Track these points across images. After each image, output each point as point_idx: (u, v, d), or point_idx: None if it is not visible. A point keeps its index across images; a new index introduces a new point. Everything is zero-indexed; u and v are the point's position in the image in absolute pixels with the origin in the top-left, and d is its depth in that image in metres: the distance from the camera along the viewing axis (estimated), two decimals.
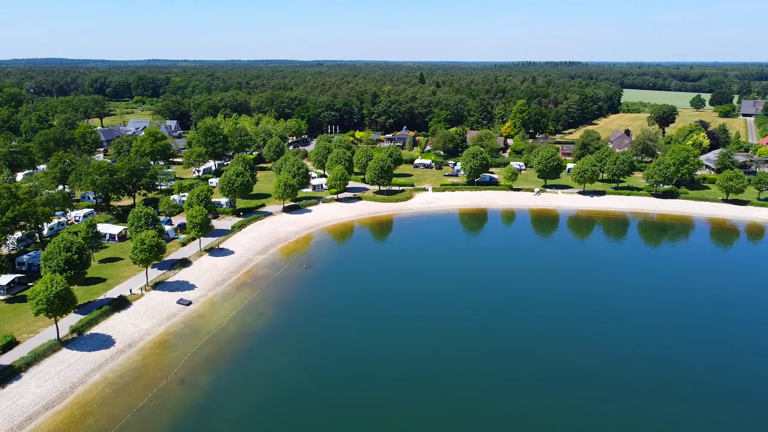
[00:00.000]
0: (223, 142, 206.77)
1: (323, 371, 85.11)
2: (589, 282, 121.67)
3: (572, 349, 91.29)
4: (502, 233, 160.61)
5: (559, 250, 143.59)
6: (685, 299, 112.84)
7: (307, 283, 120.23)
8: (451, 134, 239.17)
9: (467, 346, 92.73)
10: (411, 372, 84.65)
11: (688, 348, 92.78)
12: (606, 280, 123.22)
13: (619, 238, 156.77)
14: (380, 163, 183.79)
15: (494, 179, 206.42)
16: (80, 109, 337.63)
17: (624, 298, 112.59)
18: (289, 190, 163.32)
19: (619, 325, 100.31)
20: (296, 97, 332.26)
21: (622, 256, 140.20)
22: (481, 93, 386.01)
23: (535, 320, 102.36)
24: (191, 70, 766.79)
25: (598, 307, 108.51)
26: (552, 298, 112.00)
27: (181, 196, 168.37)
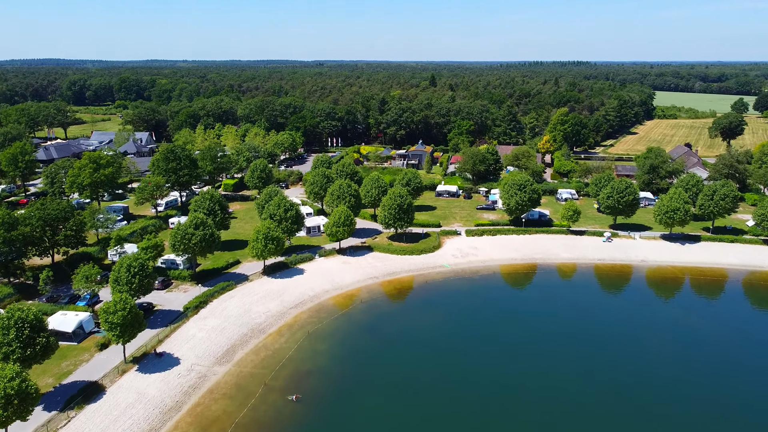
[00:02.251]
0: (189, 168, 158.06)
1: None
2: (716, 400, 73.18)
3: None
4: (573, 310, 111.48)
5: (662, 344, 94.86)
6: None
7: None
8: (482, 153, 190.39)
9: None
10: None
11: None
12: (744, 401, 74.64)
13: (750, 322, 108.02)
14: (397, 200, 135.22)
15: (544, 216, 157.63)
16: (39, 117, 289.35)
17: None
18: (272, 245, 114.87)
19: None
20: (290, 104, 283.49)
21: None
22: (505, 98, 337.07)
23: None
24: (183, 71, 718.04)
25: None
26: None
27: (122, 251, 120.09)
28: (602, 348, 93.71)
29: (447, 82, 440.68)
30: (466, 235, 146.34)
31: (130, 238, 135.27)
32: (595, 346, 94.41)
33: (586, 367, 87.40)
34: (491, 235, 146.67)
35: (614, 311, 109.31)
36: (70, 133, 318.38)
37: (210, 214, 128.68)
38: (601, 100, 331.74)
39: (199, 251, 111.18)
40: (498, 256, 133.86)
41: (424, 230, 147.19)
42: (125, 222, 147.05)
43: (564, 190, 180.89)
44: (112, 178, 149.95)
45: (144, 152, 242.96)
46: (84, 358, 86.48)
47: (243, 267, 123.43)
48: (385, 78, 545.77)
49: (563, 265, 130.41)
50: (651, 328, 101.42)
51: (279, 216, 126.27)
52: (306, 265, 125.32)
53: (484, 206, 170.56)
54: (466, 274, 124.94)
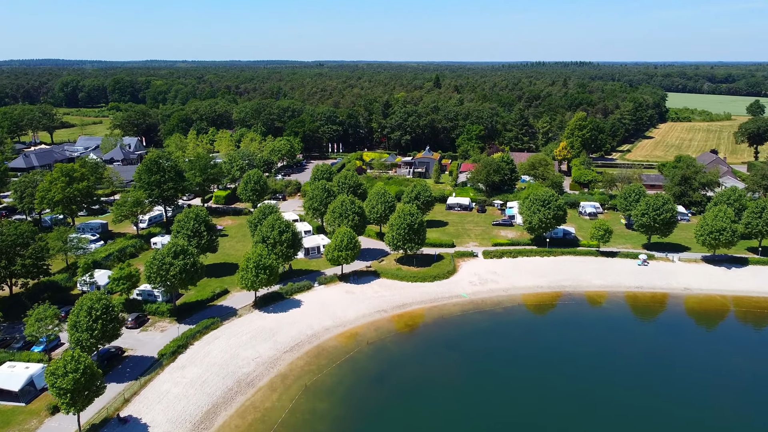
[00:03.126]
0: (175, 180, 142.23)
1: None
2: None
3: None
4: (614, 354, 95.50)
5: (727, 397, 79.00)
6: None
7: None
8: (497, 162, 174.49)
9: None
10: None
11: None
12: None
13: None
14: (407, 219, 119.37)
15: (570, 234, 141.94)
16: (23, 121, 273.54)
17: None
18: (264, 275, 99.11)
19: None
20: (289, 107, 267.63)
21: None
22: (514, 100, 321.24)
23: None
24: (180, 72, 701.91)
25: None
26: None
27: (91, 280, 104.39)
28: (656, 402, 77.82)
29: (452, 83, 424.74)
30: (484, 257, 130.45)
31: (106, 262, 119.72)
32: (647, 399, 78.54)
33: (637, 427, 71.59)
34: (512, 256, 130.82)
35: (664, 355, 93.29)
36: (57, 137, 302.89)
37: (194, 236, 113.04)
38: (615, 103, 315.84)
39: (178, 284, 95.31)
40: (521, 283, 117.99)
41: (437, 251, 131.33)
42: (101, 242, 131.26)
43: (587, 203, 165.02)
44: (88, 193, 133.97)
45: (132, 159, 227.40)
46: (30, 426, 70.71)
47: (232, 298, 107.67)
48: (387, 79, 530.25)
49: (596, 295, 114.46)
50: (712, 378, 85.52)
51: (273, 239, 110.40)
52: (304, 296, 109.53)
53: (501, 222, 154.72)
54: (487, 306, 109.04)
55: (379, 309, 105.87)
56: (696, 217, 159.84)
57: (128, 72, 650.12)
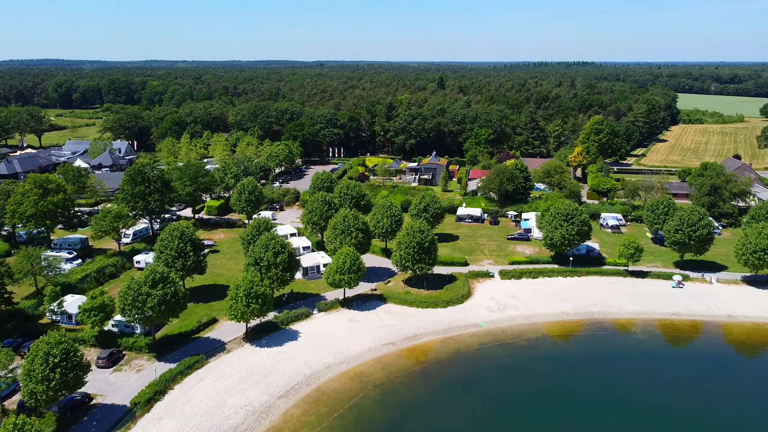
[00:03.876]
0: (161, 192, 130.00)
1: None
2: None
3: None
4: (658, 397, 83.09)
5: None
6: None
7: None
8: (510, 170, 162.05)
9: None
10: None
11: None
12: None
13: None
14: (416, 237, 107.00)
15: (593, 251, 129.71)
16: (9, 124, 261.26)
17: None
18: (255, 305, 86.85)
19: None
20: (287, 109, 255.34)
21: None
22: (522, 102, 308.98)
23: None
24: (179, 72, 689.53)
25: None
26: None
27: (60, 310, 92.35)
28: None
29: (456, 84, 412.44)
30: (501, 278, 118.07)
31: (82, 285, 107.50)
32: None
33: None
34: (532, 277, 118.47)
35: (713, 399, 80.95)
36: (47, 140, 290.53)
37: (179, 256, 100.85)
38: (628, 105, 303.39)
39: (157, 317, 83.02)
40: (545, 309, 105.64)
41: (449, 271, 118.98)
42: (79, 261, 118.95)
43: (609, 215, 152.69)
44: (64, 206, 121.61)
45: (122, 164, 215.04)
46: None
47: (221, 328, 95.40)
48: (389, 80, 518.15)
49: (629, 323, 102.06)
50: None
51: (266, 261, 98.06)
52: (301, 325, 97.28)
53: (516, 235, 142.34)
54: (508, 337, 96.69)
55: (386, 341, 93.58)
56: (728, 230, 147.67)
57: (125, 72, 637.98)
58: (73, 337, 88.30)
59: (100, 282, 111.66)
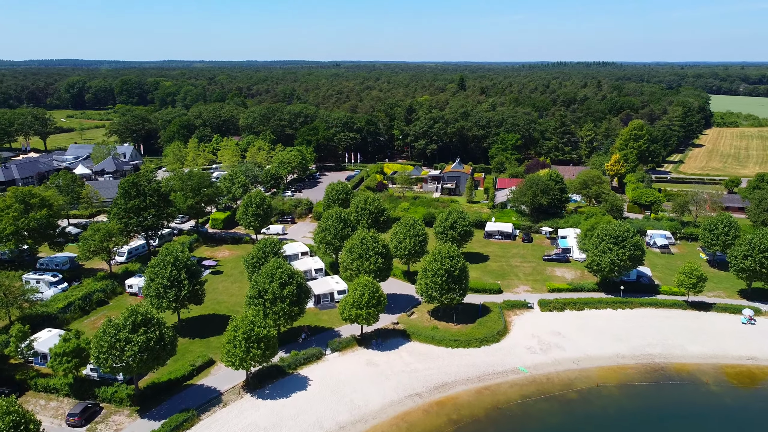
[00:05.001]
0: (157, 206, 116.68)
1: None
2: None
3: None
4: None
5: None
6: None
7: None
8: (544, 181, 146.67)
9: None
10: None
11: None
12: None
13: None
14: (445, 264, 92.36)
15: (645, 277, 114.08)
16: (13, 126, 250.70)
17: None
18: (257, 350, 72.84)
19: None
20: (301, 112, 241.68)
21: None
22: (548, 104, 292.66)
23: None
24: (193, 72, 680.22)
25: None
26: None
27: (29, 352, 79.27)
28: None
29: (477, 85, 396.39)
30: (541, 309, 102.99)
31: (64, 315, 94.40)
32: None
33: None
34: (576, 308, 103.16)
35: None
36: (54, 142, 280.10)
37: (172, 286, 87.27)
38: (663, 107, 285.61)
39: (138, 367, 69.27)
40: (595, 351, 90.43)
41: (481, 300, 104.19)
42: (65, 285, 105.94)
43: (656, 233, 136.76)
44: (48, 224, 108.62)
45: (126, 170, 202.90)
46: None
47: (217, 372, 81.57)
48: (407, 80, 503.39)
49: (697, 370, 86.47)
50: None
51: (272, 294, 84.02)
52: (312, 369, 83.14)
53: (554, 256, 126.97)
54: (555, 387, 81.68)
55: (411, 392, 79.07)
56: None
57: (138, 72, 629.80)
58: (44, 385, 75.34)
59: (86, 311, 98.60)
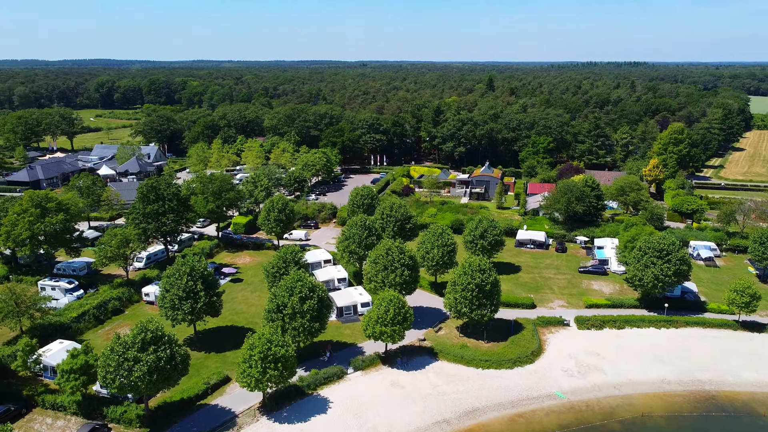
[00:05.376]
0: (176, 211, 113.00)
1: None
2: None
3: None
4: None
5: None
6: None
7: None
8: (579, 188, 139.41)
9: None
10: None
11: None
12: None
13: None
14: (476, 278, 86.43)
15: (690, 293, 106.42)
16: (40, 126, 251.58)
17: None
18: (274, 370, 67.95)
19: None
20: (326, 113, 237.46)
21: None
22: (581, 106, 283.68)
23: None
24: (221, 72, 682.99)
25: None
26: None
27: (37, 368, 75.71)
28: None
29: (507, 86, 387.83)
30: (578, 327, 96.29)
31: (77, 324, 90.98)
32: None
33: None
34: (616, 327, 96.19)
35: None
36: (81, 142, 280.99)
37: (188, 297, 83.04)
38: (701, 109, 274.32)
39: (147, 388, 64.93)
40: (638, 375, 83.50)
41: (513, 315, 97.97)
42: (81, 292, 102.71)
43: (700, 244, 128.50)
44: (65, 229, 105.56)
45: (149, 171, 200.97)
46: None
47: (233, 391, 76.92)
48: (434, 80, 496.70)
49: (754, 401, 78.98)
50: None
51: (291, 308, 79.06)
52: (332, 390, 77.97)
53: (590, 268, 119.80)
54: (596, 416, 75.11)
55: (439, 418, 73.38)
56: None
57: (167, 72, 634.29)
58: (52, 402, 71.59)
59: (101, 321, 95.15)
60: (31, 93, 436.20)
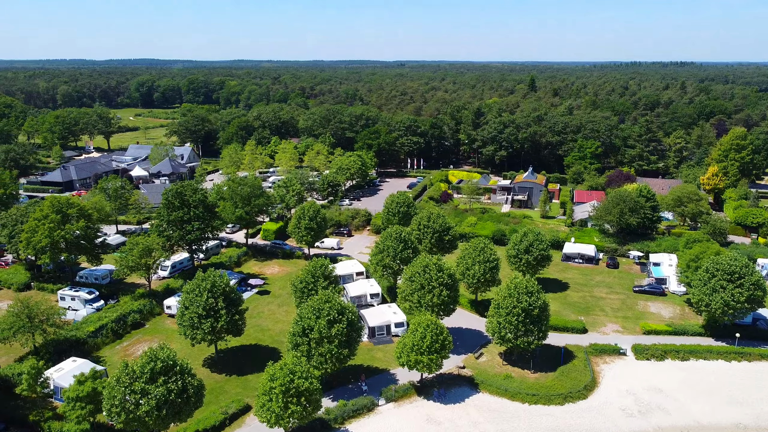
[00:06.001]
0: (202, 218, 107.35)
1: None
2: None
3: None
4: None
5: None
6: None
7: None
8: (633, 198, 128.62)
9: None
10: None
11: None
12: None
13: None
14: (523, 302, 77.73)
15: (762, 319, 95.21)
16: (78, 125, 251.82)
17: None
18: (296, 405, 60.79)
19: None
20: (362, 114, 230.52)
21: None
22: (629, 108, 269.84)
23: None
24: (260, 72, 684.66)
25: None
26: None
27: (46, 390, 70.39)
28: None
29: (549, 86, 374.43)
30: (636, 357, 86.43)
31: (94, 339, 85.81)
32: None
33: None
34: (679, 358, 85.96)
35: None
36: (116, 142, 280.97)
37: (208, 315, 76.78)
38: (762, 112, 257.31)
39: (156, 424, 58.52)
40: (708, 417, 73.42)
41: (563, 341, 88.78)
42: (101, 303, 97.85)
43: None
44: (86, 236, 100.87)
45: (182, 173, 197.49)
46: None
47: (252, 424, 70.08)
48: (473, 81, 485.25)
49: None
50: None
51: (318, 332, 71.82)
52: (362, 425, 70.43)
53: (646, 287, 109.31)
54: None
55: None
56: None
57: (206, 72, 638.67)
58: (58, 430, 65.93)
59: (119, 335, 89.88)
60: (74, 92, 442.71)
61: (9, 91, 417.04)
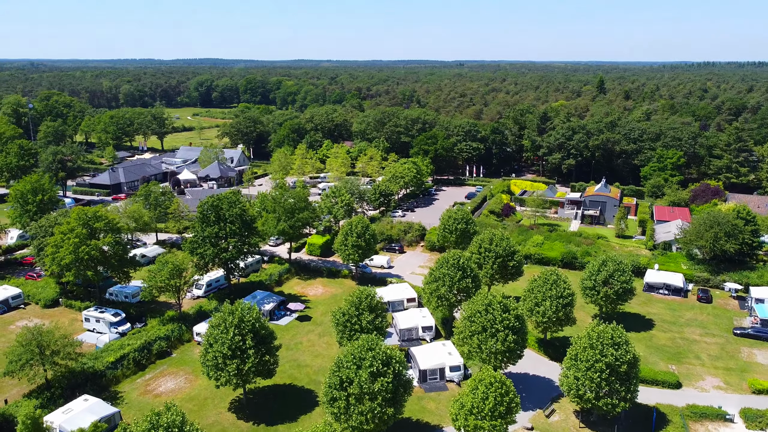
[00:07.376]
0: (239, 234, 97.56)
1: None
2: None
3: None
4: None
5: None
6: None
7: None
8: (730, 221, 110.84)
9: None
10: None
11: None
12: None
13: None
14: (608, 356, 63.53)
15: None
16: (133, 125, 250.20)
17: None
18: None
19: None
20: (419, 118, 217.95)
21: None
22: (712, 112, 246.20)
23: None
24: (318, 72, 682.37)
25: None
26: None
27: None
28: None
29: (620, 88, 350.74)
30: (746, 426, 70.35)
31: (113, 371, 77.13)
32: None
33: None
34: None
35: None
36: (170, 142, 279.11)
37: (234, 355, 66.41)
38: None
39: None
40: None
41: (653, 399, 73.67)
42: (128, 326, 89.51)
43: None
44: (116, 254, 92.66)
45: (231, 177, 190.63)
46: None
47: None
48: (536, 81, 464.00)
49: None
50: None
51: (358, 386, 59.98)
52: None
53: (750, 331, 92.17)
54: None
55: None
56: None
57: (265, 72, 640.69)
58: None
59: (142, 366, 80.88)
60: (136, 91, 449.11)
61: (74, 90, 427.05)
